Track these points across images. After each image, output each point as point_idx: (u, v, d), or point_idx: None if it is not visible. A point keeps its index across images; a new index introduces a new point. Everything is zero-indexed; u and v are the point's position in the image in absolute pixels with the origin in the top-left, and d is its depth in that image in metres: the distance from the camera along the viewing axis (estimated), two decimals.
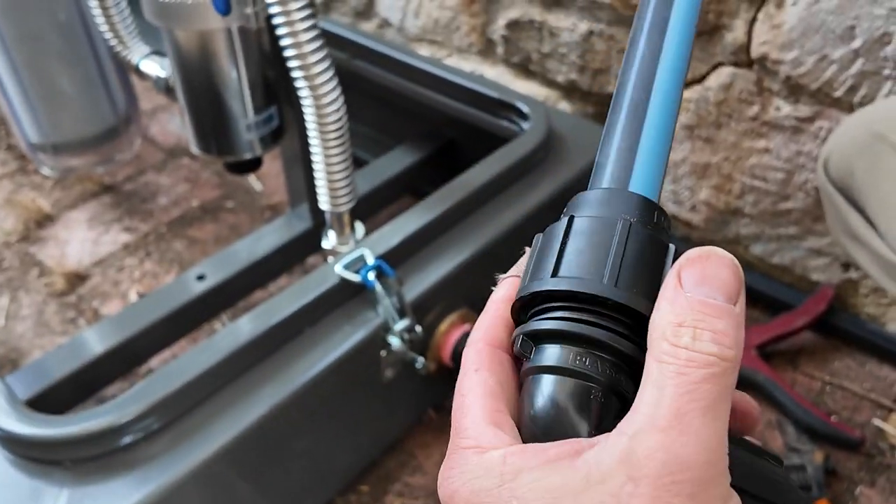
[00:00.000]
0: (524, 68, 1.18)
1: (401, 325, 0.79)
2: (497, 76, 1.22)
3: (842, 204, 0.68)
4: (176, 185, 1.33)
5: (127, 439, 0.68)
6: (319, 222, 1.09)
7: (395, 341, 0.79)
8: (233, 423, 0.72)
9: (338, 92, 0.82)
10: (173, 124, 1.48)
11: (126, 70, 1.16)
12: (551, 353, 0.31)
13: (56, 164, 1.18)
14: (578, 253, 0.31)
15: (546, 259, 0.32)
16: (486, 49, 1.22)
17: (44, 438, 0.64)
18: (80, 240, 1.22)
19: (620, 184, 0.33)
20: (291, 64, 0.79)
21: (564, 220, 0.32)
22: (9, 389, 0.68)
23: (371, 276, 0.79)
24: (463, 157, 1.22)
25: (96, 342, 0.93)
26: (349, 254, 0.81)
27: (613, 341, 0.30)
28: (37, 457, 0.66)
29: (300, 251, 1.12)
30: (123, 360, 0.96)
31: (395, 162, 1.19)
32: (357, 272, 0.79)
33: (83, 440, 0.65)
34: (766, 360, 0.97)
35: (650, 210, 0.32)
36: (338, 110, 0.83)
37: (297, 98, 0.84)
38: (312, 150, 0.86)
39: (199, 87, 0.89)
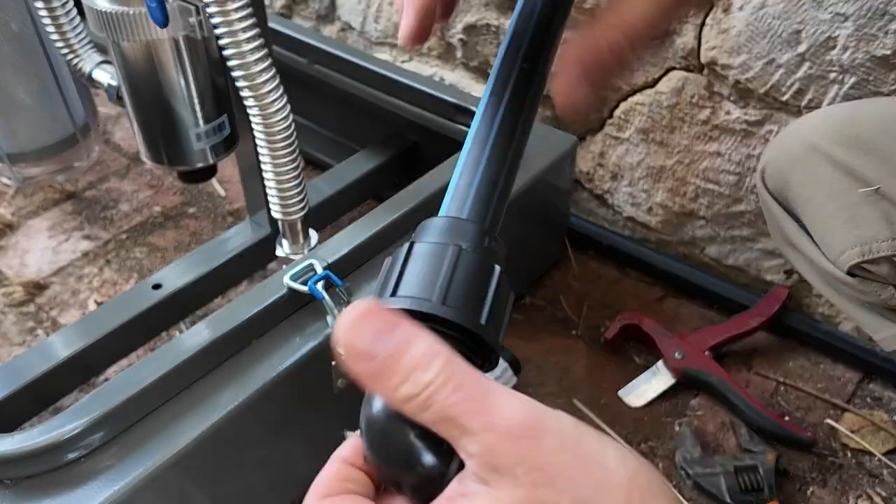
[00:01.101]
0: (483, 72, 1.19)
1: None
2: (457, 80, 1.22)
3: (779, 213, 0.69)
4: (138, 192, 1.32)
5: (72, 454, 0.67)
6: (277, 229, 1.09)
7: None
8: (183, 433, 0.72)
9: (284, 100, 0.82)
10: None
11: (82, 78, 1.15)
12: None
13: (14, 173, 1.18)
14: (415, 275, 0.36)
15: (389, 280, 0.37)
16: (446, 53, 1.22)
17: None
18: (40, 248, 1.21)
19: (458, 213, 0.39)
20: (236, 73, 0.79)
21: (406, 246, 0.38)
22: None
23: (319, 286, 0.79)
24: (425, 162, 1.22)
25: (52, 353, 0.92)
26: (297, 264, 0.81)
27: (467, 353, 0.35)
28: None
29: (260, 258, 1.11)
30: (80, 371, 0.95)
31: (357, 166, 1.19)
32: (305, 283, 0.79)
33: (26, 457, 0.65)
34: (721, 361, 0.98)
35: (481, 236, 0.39)
36: (285, 118, 0.83)
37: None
38: (262, 159, 0.86)
39: (147, 97, 0.88)
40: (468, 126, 1.07)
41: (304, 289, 0.79)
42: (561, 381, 1.00)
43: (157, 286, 1.01)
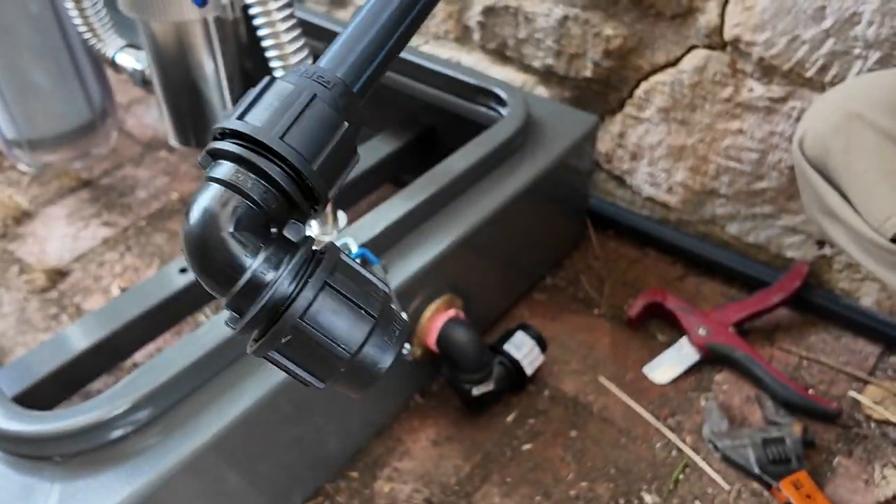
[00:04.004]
0: (500, 54, 1.19)
1: None
2: (474, 63, 1.23)
3: (818, 182, 0.70)
4: (154, 179, 1.32)
5: (117, 433, 0.68)
6: None
7: None
8: (222, 413, 0.72)
9: None
10: (150, 117, 1.47)
11: (101, 63, 1.15)
12: (217, 168, 0.41)
13: (32, 159, 1.18)
14: (266, 107, 0.41)
15: (240, 105, 0.41)
16: (463, 35, 1.22)
17: (34, 434, 0.64)
18: (59, 236, 1.21)
19: (334, 68, 0.43)
20: (269, 54, 0.79)
21: (307, 94, 0.41)
22: None
23: None
24: (442, 145, 1.22)
25: (80, 338, 0.93)
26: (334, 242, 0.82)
27: (267, 167, 0.40)
28: (26, 453, 0.66)
29: None
30: (108, 355, 0.96)
31: (375, 150, 1.19)
32: None
33: (74, 435, 0.65)
34: (744, 337, 0.99)
35: (342, 93, 0.43)
36: None
37: None
38: None
39: (177, 79, 0.89)
40: (489, 108, 1.08)
41: None
42: (586, 359, 1.01)
43: (183, 270, 1.01)
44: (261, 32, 0.78)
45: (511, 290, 1.09)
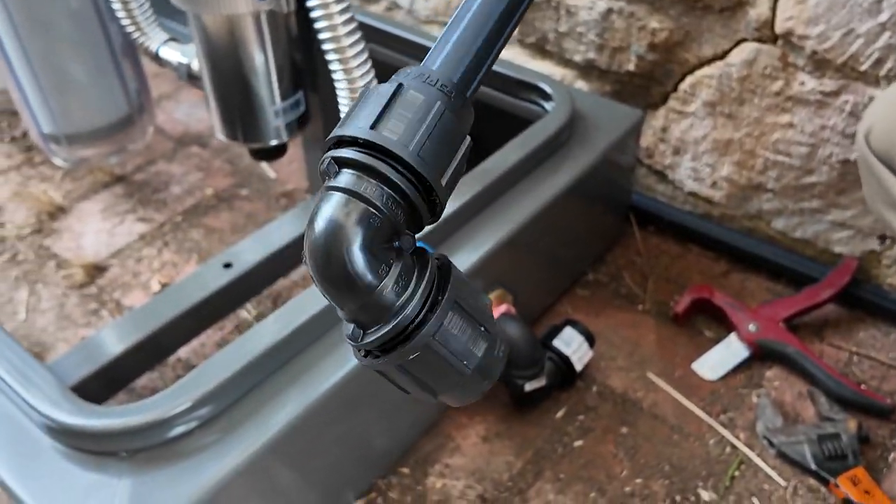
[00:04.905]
0: (540, 48, 1.18)
1: None
2: (511, 57, 1.22)
3: (885, 174, 0.69)
4: (188, 175, 1.32)
5: (180, 429, 0.67)
6: None
7: None
8: (280, 411, 0.71)
9: (372, 74, 0.82)
10: (180, 113, 1.46)
11: (138, 58, 1.14)
12: (346, 177, 0.39)
13: (69, 154, 1.17)
14: (399, 119, 0.39)
15: (369, 113, 0.39)
16: None
17: (103, 430, 0.63)
18: (94, 231, 1.21)
19: (452, 73, 0.42)
20: (327, 47, 0.78)
21: (393, 85, 0.40)
22: (61, 382, 0.67)
23: None
24: (480, 140, 1.22)
25: (125, 334, 0.92)
26: None
27: (402, 182, 0.39)
28: (92, 448, 0.65)
29: None
30: (153, 352, 0.95)
31: None
32: None
33: (141, 430, 0.64)
34: (793, 333, 0.98)
35: (462, 105, 0.42)
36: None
37: (328, 82, 0.84)
38: None
39: (227, 72, 0.88)
40: (532, 102, 1.07)
41: None
42: (632, 356, 1.00)
43: (227, 265, 1.00)
44: (318, 25, 0.77)
45: (555, 286, 1.08)
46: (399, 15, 1.35)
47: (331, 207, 0.39)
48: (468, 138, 0.42)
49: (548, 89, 1.03)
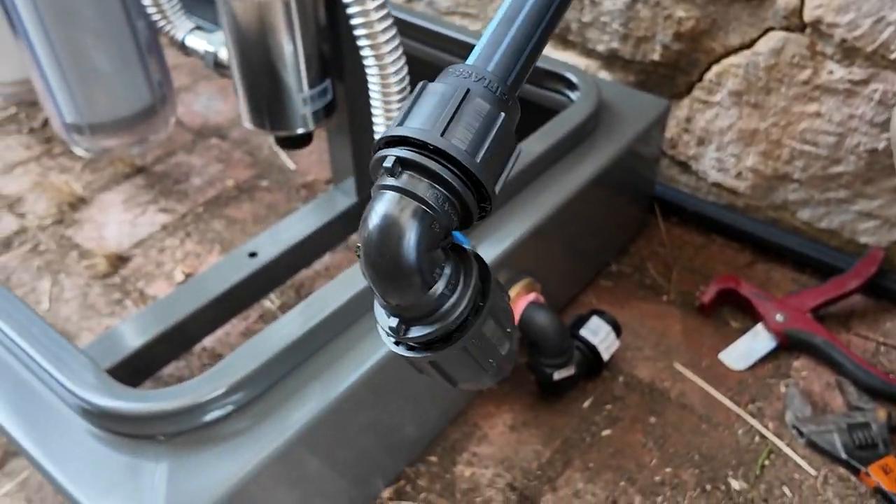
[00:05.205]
0: (562, 38, 1.18)
1: None
2: None
3: None
4: (208, 166, 1.32)
5: (217, 413, 0.67)
6: (366, 197, 1.09)
7: None
8: (313, 399, 0.71)
9: (403, 61, 0.82)
10: (198, 105, 1.46)
11: (161, 48, 1.14)
12: (408, 178, 0.40)
13: (92, 144, 1.16)
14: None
15: (436, 117, 0.40)
16: None
17: (143, 413, 0.63)
18: (116, 222, 1.21)
19: (484, 63, 0.43)
20: (359, 31, 0.78)
21: (461, 91, 0.41)
22: (97, 367, 0.67)
23: None
24: None
25: (152, 323, 0.92)
26: None
27: (463, 191, 0.40)
28: (129, 432, 0.65)
29: (345, 228, 1.11)
30: (179, 341, 0.95)
31: None
32: None
33: (180, 413, 0.64)
34: (820, 323, 0.97)
35: (496, 88, 0.42)
36: (401, 79, 0.83)
37: (354, 71, 0.83)
38: (375, 119, 0.85)
39: (256, 60, 0.87)
40: (557, 92, 1.07)
41: None
42: (658, 346, 1.00)
43: (252, 254, 1.00)
44: (350, 10, 0.77)
45: (579, 277, 1.08)
46: (419, 7, 1.34)
47: (391, 206, 0.40)
48: (518, 147, 0.43)
49: (574, 79, 1.03)
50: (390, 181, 0.40)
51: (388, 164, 0.40)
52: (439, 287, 0.41)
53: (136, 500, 0.60)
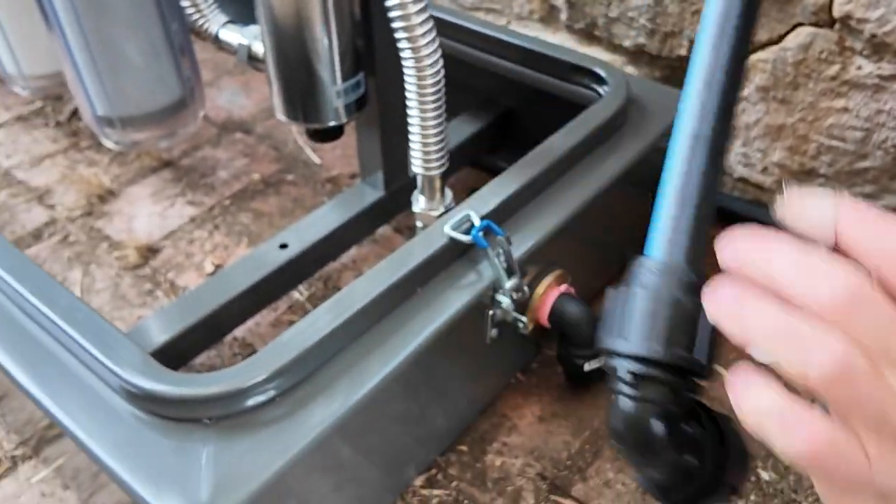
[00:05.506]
0: (588, 34, 1.19)
1: (510, 283, 0.80)
2: (559, 43, 1.22)
3: None
4: (233, 160, 1.33)
5: (260, 398, 0.68)
6: (393, 191, 1.10)
7: (504, 300, 0.80)
8: (352, 387, 0.71)
9: (438, 53, 0.83)
10: (222, 100, 1.47)
11: (191, 41, 1.15)
12: (647, 389, 0.45)
13: (121, 137, 1.18)
14: (685, 333, 0.45)
15: (659, 330, 0.44)
16: (548, 15, 1.22)
17: (191, 396, 0.64)
18: (145, 214, 1.22)
19: (695, 265, 0.48)
20: (395, 25, 0.79)
21: (669, 299, 0.45)
22: (143, 351, 0.68)
23: (481, 235, 0.79)
24: (524, 126, 1.22)
25: (184, 313, 0.93)
26: (454, 215, 0.82)
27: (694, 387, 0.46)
28: (175, 415, 0.66)
29: (372, 221, 1.12)
30: (211, 331, 0.96)
31: (456, 133, 1.19)
32: (465, 233, 0.80)
33: (226, 397, 0.65)
34: None
35: (692, 283, 0.46)
36: (436, 72, 0.84)
37: (386, 65, 0.84)
38: (409, 112, 0.86)
39: (291, 52, 0.89)
40: (585, 87, 1.08)
41: (467, 238, 0.79)
42: None
43: (283, 245, 1.01)
44: (388, 3, 0.78)
45: (604, 270, 1.09)
46: (442, 3, 1.35)
47: (633, 413, 0.46)
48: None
49: (602, 73, 1.04)
50: (628, 391, 0.45)
51: (619, 373, 0.45)
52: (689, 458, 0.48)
53: (187, 483, 0.61)
